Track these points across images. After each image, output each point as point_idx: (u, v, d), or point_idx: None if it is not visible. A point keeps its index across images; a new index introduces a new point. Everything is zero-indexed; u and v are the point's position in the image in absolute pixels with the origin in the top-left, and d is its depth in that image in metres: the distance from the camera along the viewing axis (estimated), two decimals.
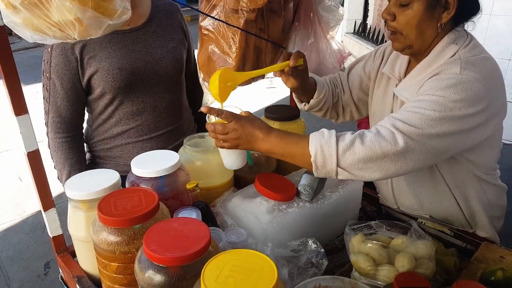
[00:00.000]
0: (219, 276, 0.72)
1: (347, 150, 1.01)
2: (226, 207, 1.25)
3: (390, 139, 1.00)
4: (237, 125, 1.07)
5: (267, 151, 1.11)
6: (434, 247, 1.01)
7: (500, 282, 1.07)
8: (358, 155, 1.00)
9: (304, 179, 1.28)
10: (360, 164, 1.02)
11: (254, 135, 1.08)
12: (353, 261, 1.03)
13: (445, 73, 1.09)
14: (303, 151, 1.05)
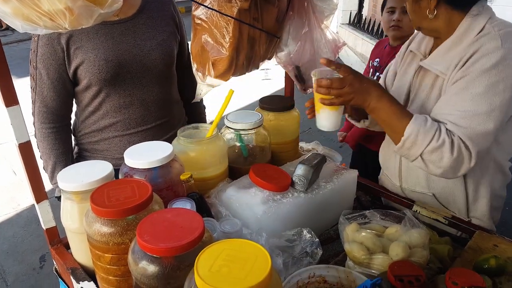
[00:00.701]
0: (212, 265, 0.71)
1: (436, 151, 1.10)
2: (220, 198, 1.24)
3: (467, 157, 1.11)
4: (355, 79, 1.11)
5: (373, 110, 1.15)
6: (428, 235, 1.01)
7: (493, 269, 1.08)
8: (443, 161, 1.11)
9: (299, 169, 1.28)
10: (440, 165, 1.12)
11: (369, 91, 1.13)
12: (347, 250, 1.03)
13: (486, 50, 1.11)
14: (401, 127, 1.11)
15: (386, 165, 1.49)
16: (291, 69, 1.55)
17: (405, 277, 0.88)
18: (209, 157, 1.28)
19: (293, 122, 1.55)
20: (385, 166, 1.51)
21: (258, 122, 1.39)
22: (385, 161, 1.50)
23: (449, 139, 1.10)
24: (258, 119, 1.39)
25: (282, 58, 1.51)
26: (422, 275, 0.88)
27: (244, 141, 1.43)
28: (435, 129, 1.10)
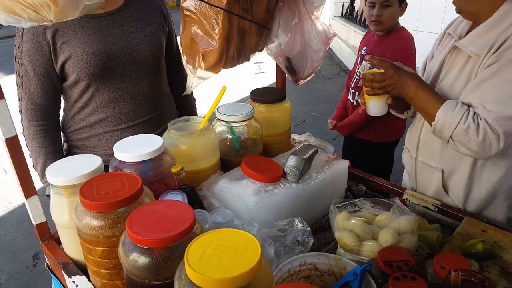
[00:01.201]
0: (203, 255, 0.72)
1: (462, 134, 1.17)
2: (212, 190, 1.25)
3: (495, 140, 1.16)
4: (395, 73, 1.24)
5: (410, 99, 1.27)
6: (416, 222, 1.03)
7: (480, 254, 1.10)
8: (470, 144, 1.18)
9: (291, 160, 1.29)
10: (468, 146, 1.19)
11: (407, 83, 1.24)
12: (337, 237, 1.04)
13: None
14: (433, 113, 1.22)
15: (409, 138, 1.54)
16: (282, 61, 1.55)
17: (394, 262, 0.89)
18: (200, 149, 1.28)
19: (284, 114, 1.55)
20: (408, 139, 1.55)
21: (249, 114, 1.39)
22: (409, 135, 1.54)
23: (474, 123, 1.16)
24: (249, 111, 1.39)
25: (272, 49, 1.51)
26: (411, 260, 0.89)
27: (236, 133, 1.43)
28: (462, 114, 1.17)
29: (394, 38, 2.23)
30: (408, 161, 1.55)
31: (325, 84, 6.24)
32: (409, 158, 1.54)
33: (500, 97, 1.16)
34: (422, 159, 1.46)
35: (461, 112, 1.18)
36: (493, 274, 1.08)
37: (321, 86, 6.15)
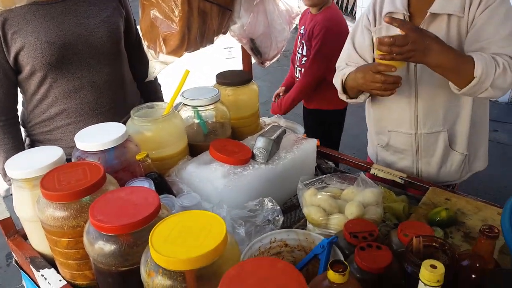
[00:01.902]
0: (167, 237, 0.72)
1: (500, 76, 1.18)
2: (181, 175, 1.24)
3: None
4: (418, 37, 1.12)
5: (436, 65, 1.19)
6: (381, 194, 1.05)
7: (444, 221, 1.14)
8: (506, 82, 1.20)
9: (259, 142, 1.29)
10: (504, 86, 1.20)
11: (431, 47, 1.15)
12: (305, 213, 1.06)
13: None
14: (469, 69, 1.17)
15: (399, 121, 1.51)
16: (245, 42, 1.54)
17: (359, 233, 0.91)
18: (166, 135, 1.26)
19: (251, 96, 1.54)
20: (397, 123, 1.52)
21: (215, 98, 1.37)
22: (399, 118, 1.51)
23: (505, 61, 1.19)
24: (215, 94, 1.38)
25: (235, 31, 1.50)
26: (375, 230, 0.92)
27: (203, 117, 1.42)
28: (491, 59, 1.19)
29: (322, 15, 2.28)
30: (403, 142, 1.53)
31: None
32: (403, 139, 1.52)
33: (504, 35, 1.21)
34: (425, 131, 1.47)
35: (490, 58, 1.19)
36: (457, 240, 1.12)
37: None
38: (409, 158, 1.56)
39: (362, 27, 1.49)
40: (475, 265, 0.81)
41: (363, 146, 2.07)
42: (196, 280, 0.70)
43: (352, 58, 1.52)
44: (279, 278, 0.61)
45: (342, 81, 1.46)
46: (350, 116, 4.58)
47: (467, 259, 0.83)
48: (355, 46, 1.51)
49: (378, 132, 1.62)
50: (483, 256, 0.81)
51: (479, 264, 0.81)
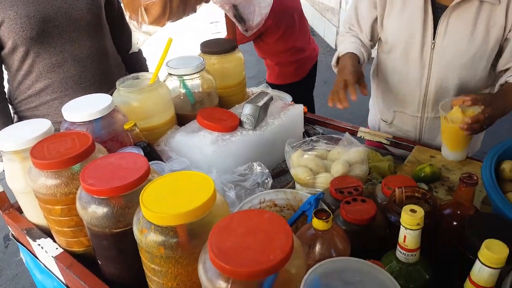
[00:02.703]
0: (158, 196, 0.74)
1: None
2: (170, 144, 1.25)
3: None
4: (492, 111, 1.15)
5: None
6: (366, 152, 1.08)
7: (428, 177, 1.18)
8: None
9: (246, 108, 1.30)
10: None
11: (498, 115, 1.18)
12: (293, 174, 1.09)
13: None
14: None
15: (407, 102, 1.49)
16: (228, 9, 1.52)
17: (344, 188, 0.94)
18: (152, 105, 1.26)
19: (237, 64, 1.54)
20: (403, 105, 1.51)
21: (200, 66, 1.37)
22: (406, 100, 1.49)
23: None
24: (199, 63, 1.37)
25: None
26: (360, 185, 0.95)
27: (189, 87, 1.42)
28: None
29: None
30: (407, 121, 1.53)
31: None
32: (409, 118, 1.51)
33: None
34: (432, 115, 1.46)
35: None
36: (441, 194, 1.16)
37: None
38: (412, 139, 1.54)
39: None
40: (456, 212, 0.85)
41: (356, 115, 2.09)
42: (188, 235, 0.72)
43: (353, 25, 1.51)
44: (266, 227, 0.64)
45: (338, 56, 1.47)
46: None
47: (448, 208, 0.87)
48: (358, 14, 1.48)
49: (382, 108, 1.60)
50: (464, 204, 0.84)
51: (460, 212, 0.84)
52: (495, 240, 0.60)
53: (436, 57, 1.34)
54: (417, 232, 0.67)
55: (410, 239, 0.68)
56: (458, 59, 1.32)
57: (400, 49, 1.39)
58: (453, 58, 1.32)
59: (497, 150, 1.01)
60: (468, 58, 1.31)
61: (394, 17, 1.37)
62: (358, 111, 1.76)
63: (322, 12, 5.96)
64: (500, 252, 0.58)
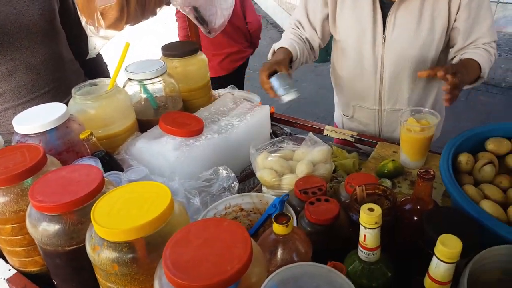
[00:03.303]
0: (111, 210, 0.70)
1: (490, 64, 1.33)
2: (131, 152, 1.21)
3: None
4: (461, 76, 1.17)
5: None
6: (329, 151, 1.08)
7: (391, 172, 1.19)
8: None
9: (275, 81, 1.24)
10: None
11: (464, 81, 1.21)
12: (259, 177, 1.08)
13: None
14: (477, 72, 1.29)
15: (363, 96, 1.52)
16: (189, 11, 1.49)
17: (309, 189, 0.94)
18: (111, 112, 1.22)
19: (200, 66, 1.51)
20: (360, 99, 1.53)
21: (161, 70, 1.34)
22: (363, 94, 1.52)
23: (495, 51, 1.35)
24: (160, 66, 1.34)
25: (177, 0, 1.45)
26: (324, 185, 0.94)
27: (151, 91, 1.38)
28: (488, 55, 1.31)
29: None
30: (367, 117, 1.56)
31: None
32: (367, 114, 1.54)
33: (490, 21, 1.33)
34: (389, 107, 1.50)
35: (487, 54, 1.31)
36: (404, 188, 1.18)
37: None
38: (372, 132, 1.59)
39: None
40: (416, 207, 0.85)
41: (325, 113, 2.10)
42: (146, 249, 0.70)
43: (300, 23, 1.50)
44: (224, 236, 0.62)
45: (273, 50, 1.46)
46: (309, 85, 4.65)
47: (408, 203, 0.87)
48: (308, 13, 1.46)
49: (342, 104, 1.64)
50: (423, 198, 0.85)
51: (419, 207, 0.85)
52: (450, 235, 0.61)
53: (388, 51, 1.38)
54: (376, 230, 0.67)
55: (370, 238, 0.68)
56: (408, 51, 1.36)
57: (353, 45, 1.42)
58: (403, 50, 1.36)
59: (453, 143, 1.03)
60: (417, 50, 1.36)
61: (345, 15, 1.39)
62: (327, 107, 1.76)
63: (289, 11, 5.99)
64: (455, 247, 0.59)
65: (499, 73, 4.26)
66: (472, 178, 1.01)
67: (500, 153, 1.05)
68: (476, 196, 0.92)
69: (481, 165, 1.00)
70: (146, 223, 0.66)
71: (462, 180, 0.98)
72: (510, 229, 0.78)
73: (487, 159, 1.01)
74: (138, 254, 0.68)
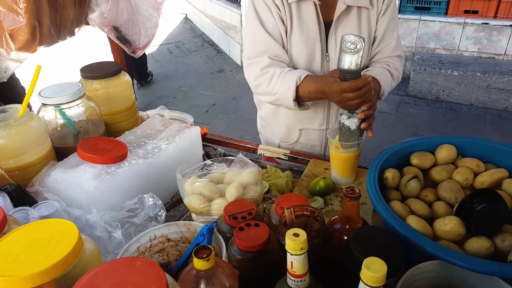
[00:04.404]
0: (9, 255, 0.61)
1: (393, 86, 1.46)
2: (45, 183, 1.10)
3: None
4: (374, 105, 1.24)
5: None
6: (259, 172, 1.05)
7: (323, 190, 1.20)
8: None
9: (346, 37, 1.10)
10: None
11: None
12: (187, 204, 1.02)
13: None
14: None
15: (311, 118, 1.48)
16: (109, 31, 1.42)
17: (238, 214, 0.90)
18: (22, 141, 1.10)
19: (124, 88, 1.43)
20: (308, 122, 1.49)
21: (79, 93, 1.24)
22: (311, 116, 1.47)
23: (398, 74, 1.45)
24: (77, 89, 1.25)
25: (95, 19, 1.37)
26: (254, 208, 0.91)
27: (68, 116, 1.28)
28: (389, 76, 1.40)
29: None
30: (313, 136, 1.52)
31: (190, 57, 6.14)
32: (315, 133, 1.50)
33: (396, 34, 1.44)
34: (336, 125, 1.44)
35: (388, 75, 1.39)
36: (336, 205, 1.18)
37: (187, 60, 6.04)
38: (317, 153, 1.56)
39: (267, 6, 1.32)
40: (345, 227, 0.85)
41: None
42: None
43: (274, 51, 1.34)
44: (136, 279, 0.56)
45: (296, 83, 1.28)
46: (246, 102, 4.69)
47: (337, 223, 0.87)
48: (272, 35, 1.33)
49: (282, 132, 1.55)
50: (351, 217, 0.85)
51: (348, 226, 0.85)
52: (374, 258, 0.60)
53: (332, 68, 1.37)
54: (302, 256, 0.65)
55: (297, 264, 0.65)
56: None
57: (303, 66, 1.37)
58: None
59: (380, 159, 1.06)
60: None
61: (295, 36, 1.34)
62: None
63: (225, 30, 6.04)
64: (379, 271, 0.58)
65: (425, 87, 4.58)
66: (399, 193, 1.03)
67: (424, 166, 1.09)
68: (403, 212, 0.94)
69: (406, 180, 1.03)
70: (49, 267, 0.59)
71: (389, 196, 1.00)
72: (436, 245, 0.80)
73: (412, 174, 1.05)
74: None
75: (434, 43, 4.80)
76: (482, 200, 0.88)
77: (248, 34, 1.38)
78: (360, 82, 1.13)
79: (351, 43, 1.07)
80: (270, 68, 1.32)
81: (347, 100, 1.16)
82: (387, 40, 1.42)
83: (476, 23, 4.50)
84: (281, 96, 1.30)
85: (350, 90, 1.14)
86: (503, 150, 1.07)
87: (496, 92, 4.30)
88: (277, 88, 1.30)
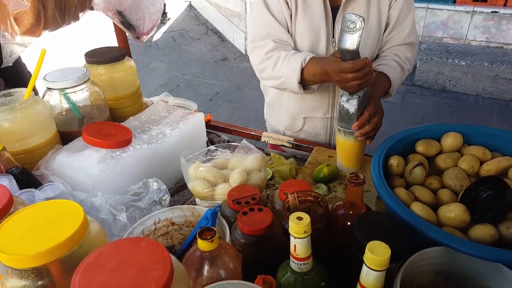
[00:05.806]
0: (15, 234, 0.62)
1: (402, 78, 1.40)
2: (51, 167, 1.11)
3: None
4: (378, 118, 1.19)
5: None
6: (263, 158, 1.05)
7: (326, 177, 1.20)
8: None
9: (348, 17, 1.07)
10: None
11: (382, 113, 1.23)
12: (191, 188, 1.02)
13: None
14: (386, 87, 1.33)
15: (316, 107, 1.46)
16: (113, 16, 1.41)
17: (242, 199, 0.90)
18: (27, 124, 1.11)
19: (128, 73, 1.43)
20: (313, 110, 1.47)
21: (83, 77, 1.24)
22: (315, 104, 1.45)
23: (409, 66, 1.40)
24: (82, 74, 1.24)
25: (99, 4, 1.36)
26: (257, 193, 0.91)
27: (73, 101, 1.28)
28: (400, 70, 1.36)
29: None
30: (317, 125, 1.50)
31: (194, 45, 6.11)
32: (320, 121, 1.48)
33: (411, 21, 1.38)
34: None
35: (399, 68, 1.35)
36: (339, 192, 1.18)
37: (191, 48, 6.01)
38: (322, 141, 1.54)
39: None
40: (349, 212, 0.85)
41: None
42: (57, 275, 0.62)
43: (278, 35, 1.31)
44: (141, 258, 0.56)
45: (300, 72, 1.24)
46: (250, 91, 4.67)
47: (341, 209, 0.87)
48: (276, 18, 1.30)
49: (286, 120, 1.53)
50: (355, 203, 0.85)
51: (352, 212, 0.85)
52: (378, 242, 0.60)
53: None
54: (305, 240, 0.65)
55: (300, 247, 0.66)
56: None
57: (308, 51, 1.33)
58: None
59: (384, 146, 1.05)
60: (366, 51, 1.35)
61: (300, 21, 1.32)
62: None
63: (229, 18, 5.99)
64: (383, 254, 0.58)
65: (431, 76, 4.54)
66: (403, 180, 1.03)
67: (430, 154, 1.08)
68: (407, 199, 0.93)
69: (412, 167, 1.03)
70: (54, 246, 0.59)
71: (393, 183, 1.00)
72: (440, 231, 0.80)
73: (417, 161, 1.04)
74: (48, 281, 0.60)
75: (441, 32, 4.74)
76: (487, 187, 0.87)
77: (253, 17, 1.36)
78: (360, 64, 1.08)
79: (351, 22, 1.04)
80: (275, 52, 1.29)
81: (346, 81, 1.11)
82: (401, 26, 1.36)
83: (485, 11, 4.43)
84: (286, 80, 1.27)
85: (349, 71, 1.09)
86: (509, 139, 1.06)
87: (504, 82, 4.25)
88: (282, 72, 1.27)
